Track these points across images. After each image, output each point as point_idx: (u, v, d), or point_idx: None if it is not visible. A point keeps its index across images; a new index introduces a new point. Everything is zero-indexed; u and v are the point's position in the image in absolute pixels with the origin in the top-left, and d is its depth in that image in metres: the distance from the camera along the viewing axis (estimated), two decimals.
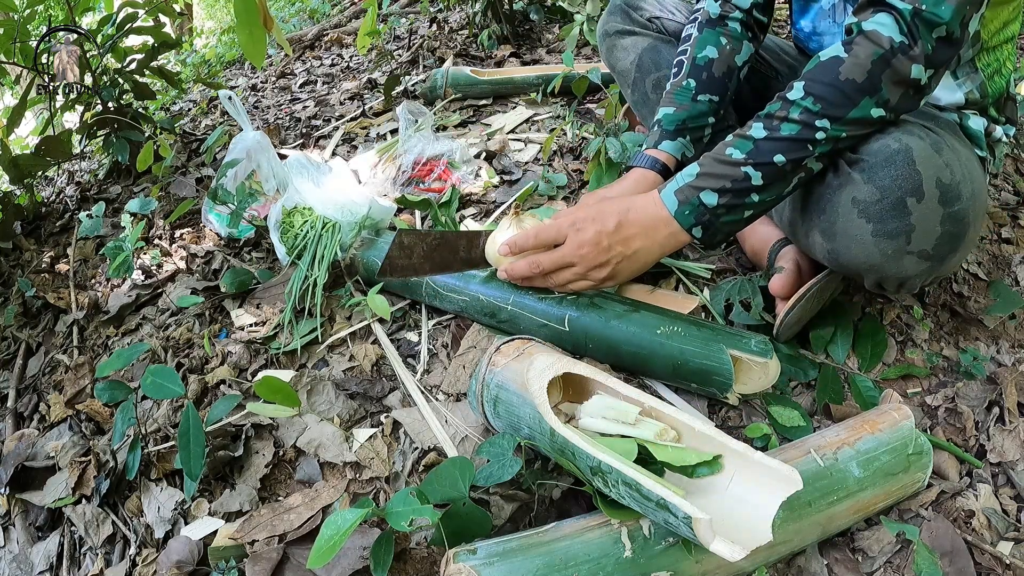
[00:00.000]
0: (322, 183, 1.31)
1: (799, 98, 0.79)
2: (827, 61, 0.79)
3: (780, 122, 0.80)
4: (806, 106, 0.79)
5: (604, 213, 0.86)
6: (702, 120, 1.08)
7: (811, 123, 0.79)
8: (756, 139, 0.81)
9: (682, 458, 0.69)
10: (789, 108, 0.80)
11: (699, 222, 0.84)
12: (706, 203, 0.82)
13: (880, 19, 0.77)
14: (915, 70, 0.76)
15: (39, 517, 0.98)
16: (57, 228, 1.72)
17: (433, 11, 3.02)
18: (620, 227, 0.86)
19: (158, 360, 1.14)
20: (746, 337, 0.89)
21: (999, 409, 0.96)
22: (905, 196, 0.78)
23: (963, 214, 0.80)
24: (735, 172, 0.81)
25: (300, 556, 0.80)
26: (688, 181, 0.84)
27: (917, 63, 0.76)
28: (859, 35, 0.77)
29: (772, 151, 0.80)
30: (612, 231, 0.86)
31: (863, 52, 0.76)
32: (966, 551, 0.79)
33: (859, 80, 0.77)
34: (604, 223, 0.86)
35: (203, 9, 7.10)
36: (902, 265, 0.83)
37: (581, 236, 0.87)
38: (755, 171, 0.81)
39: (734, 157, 0.81)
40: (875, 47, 0.76)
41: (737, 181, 0.81)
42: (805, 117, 0.79)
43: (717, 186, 0.82)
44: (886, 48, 0.75)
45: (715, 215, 0.83)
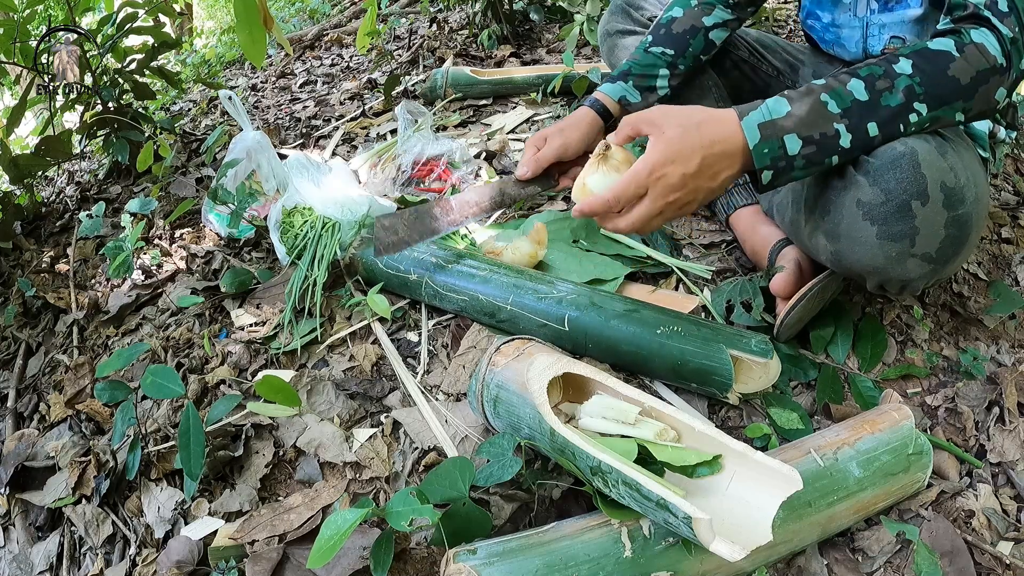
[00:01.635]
0: (322, 183, 1.31)
1: (907, 74, 0.76)
2: (938, 52, 0.77)
3: (884, 91, 0.76)
4: (912, 84, 0.76)
5: (685, 151, 0.76)
6: (651, 70, 1.12)
7: (911, 104, 0.76)
8: (856, 99, 0.76)
9: (682, 458, 0.69)
10: (895, 79, 0.76)
11: (774, 166, 0.76)
12: (788, 148, 0.76)
13: (985, 35, 0.77)
14: (1000, 93, 0.78)
15: (39, 517, 0.98)
16: (57, 228, 1.72)
17: (433, 11, 3.02)
18: (704, 166, 0.76)
19: (158, 360, 1.14)
20: (746, 337, 0.89)
21: (999, 409, 0.96)
22: (910, 199, 0.78)
23: (967, 217, 0.80)
24: (827, 126, 0.76)
25: (300, 556, 0.80)
26: (776, 118, 0.76)
27: (1004, 87, 0.78)
28: (971, 44, 0.77)
29: (869, 118, 0.76)
30: (696, 171, 0.76)
31: (973, 60, 0.76)
32: (966, 551, 0.79)
33: (962, 83, 0.76)
34: (687, 165, 0.76)
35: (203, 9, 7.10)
36: (905, 268, 0.83)
37: (665, 183, 0.77)
38: (847, 132, 0.76)
39: (829, 109, 0.76)
40: (983, 60, 0.76)
41: (826, 136, 0.76)
42: (908, 95, 0.76)
43: (805, 134, 0.75)
44: (991, 65, 0.76)
45: (791, 164, 0.76)
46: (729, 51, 1.26)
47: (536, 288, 1.00)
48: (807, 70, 1.21)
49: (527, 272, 1.04)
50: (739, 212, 1.19)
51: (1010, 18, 0.77)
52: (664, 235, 1.22)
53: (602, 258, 1.17)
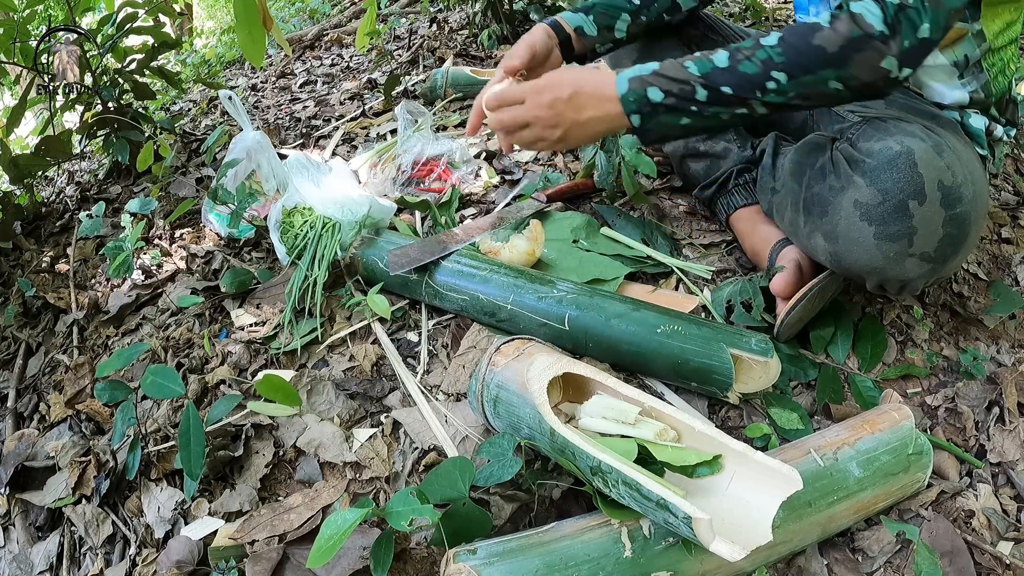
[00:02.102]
0: (322, 183, 1.31)
1: (770, 45, 0.83)
2: (808, 25, 0.82)
3: (743, 59, 0.84)
4: (772, 55, 0.82)
5: (562, 83, 0.92)
6: (614, 12, 1.14)
7: (768, 72, 0.82)
8: (716, 65, 0.85)
9: (682, 458, 0.69)
10: (756, 51, 0.83)
11: (640, 111, 0.88)
12: (651, 98, 0.87)
13: (867, 4, 0.79)
14: (887, 62, 0.79)
15: (39, 517, 0.98)
16: (57, 228, 1.72)
17: (433, 11, 3.02)
18: (574, 96, 0.91)
19: (158, 360, 1.14)
20: (746, 336, 0.89)
21: (999, 409, 0.96)
22: (907, 199, 0.78)
23: (965, 216, 0.80)
24: (685, 83, 0.86)
25: (300, 556, 0.80)
26: (643, 74, 0.88)
27: (891, 56, 0.78)
28: (846, 13, 0.80)
29: (724, 81, 0.84)
30: (566, 99, 0.91)
31: (842, 28, 0.79)
32: (966, 551, 0.79)
33: (828, 51, 0.80)
34: (560, 91, 0.91)
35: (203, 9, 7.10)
36: (904, 267, 0.83)
37: (538, 99, 0.92)
38: (703, 89, 0.85)
39: (690, 71, 0.86)
40: (855, 28, 0.78)
41: (685, 91, 0.86)
42: (766, 65, 0.82)
43: (665, 87, 0.86)
44: (865, 32, 0.78)
45: (655, 110, 0.88)
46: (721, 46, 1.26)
47: (536, 288, 1.00)
48: None
49: (527, 272, 1.05)
50: (739, 212, 1.19)
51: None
52: (664, 235, 1.22)
53: (602, 258, 1.17)
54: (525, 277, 1.02)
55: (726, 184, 1.20)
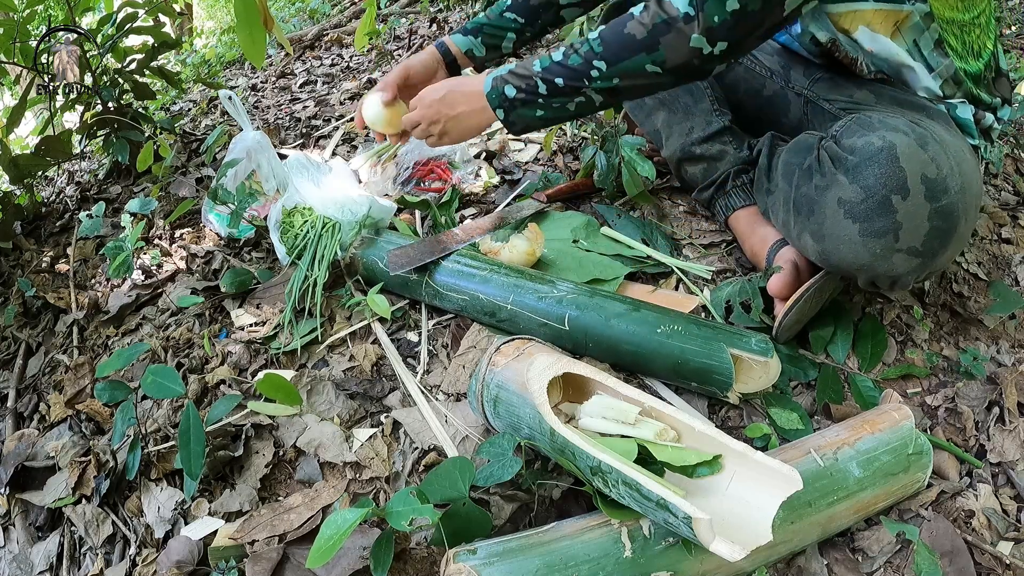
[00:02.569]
0: (322, 183, 1.31)
1: (592, 39, 0.91)
2: (624, 15, 0.89)
3: (572, 53, 0.93)
4: (592, 46, 0.91)
5: (437, 87, 1.08)
6: (500, 32, 1.24)
7: (590, 61, 0.91)
8: (553, 60, 0.95)
9: (682, 458, 0.69)
10: (582, 44, 0.92)
11: (500, 106, 1.01)
12: (507, 94, 0.99)
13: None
14: (695, 40, 0.84)
15: (39, 517, 0.98)
16: (57, 228, 1.72)
17: (433, 11, 3.02)
18: (446, 96, 1.07)
19: (158, 360, 1.14)
20: (746, 336, 0.89)
21: (999, 409, 0.96)
22: (890, 194, 0.78)
23: (951, 208, 0.80)
24: (530, 79, 0.97)
25: (300, 556, 0.80)
26: (503, 73, 1.00)
27: (697, 33, 0.83)
28: (655, 1, 0.85)
29: (557, 73, 0.95)
30: (439, 99, 1.07)
31: (648, 15, 0.86)
32: (966, 551, 0.79)
33: (638, 37, 0.87)
34: (436, 93, 1.08)
35: (203, 9, 7.09)
36: (892, 263, 0.83)
37: (420, 101, 1.10)
38: (542, 83, 0.96)
39: (534, 68, 0.97)
40: (660, 13, 0.85)
41: (530, 86, 0.97)
42: (588, 55, 0.91)
43: (516, 84, 0.99)
44: (669, 16, 0.84)
45: (512, 105, 1.00)
46: None
47: (536, 288, 1.00)
48: (799, 69, 1.21)
49: (527, 272, 1.05)
50: (737, 213, 1.19)
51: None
52: (664, 235, 1.23)
53: (602, 258, 1.17)
54: (525, 277, 1.02)
55: (724, 186, 1.21)
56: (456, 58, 1.25)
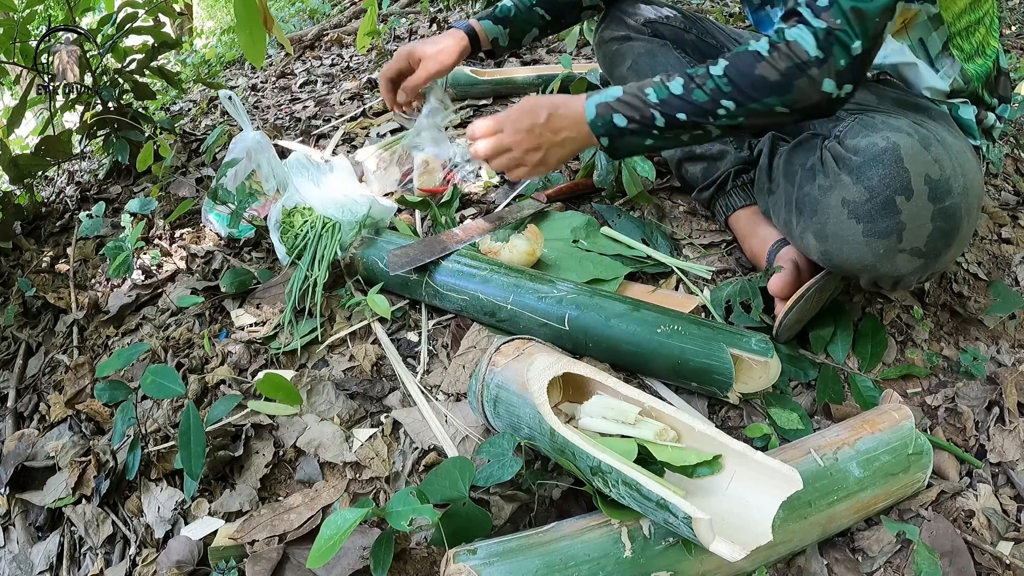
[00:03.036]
0: (322, 183, 1.31)
1: (717, 75, 0.86)
2: (751, 53, 0.85)
3: (696, 87, 0.88)
4: (719, 84, 0.86)
5: (537, 108, 0.97)
6: (526, 26, 1.22)
7: (718, 100, 0.87)
8: (672, 92, 0.90)
9: (682, 458, 0.69)
10: (707, 80, 0.87)
11: (607, 134, 0.94)
12: (616, 123, 0.93)
13: (801, 31, 0.81)
14: (826, 84, 0.82)
15: (39, 517, 0.98)
16: (57, 228, 1.72)
17: (433, 11, 3.02)
18: (551, 118, 0.96)
19: (158, 360, 1.14)
20: (746, 336, 0.89)
21: (999, 409, 0.96)
22: (894, 195, 0.79)
23: (954, 209, 0.80)
24: (645, 111, 0.91)
25: (300, 556, 0.80)
26: (609, 100, 0.93)
27: (828, 78, 0.81)
28: (783, 42, 0.83)
29: (679, 108, 0.89)
30: (543, 122, 0.96)
31: (781, 58, 0.82)
32: (966, 551, 0.79)
33: (770, 80, 0.83)
34: (537, 116, 0.97)
35: (203, 9, 7.09)
36: (895, 263, 0.83)
37: (517, 125, 0.98)
38: (661, 116, 0.90)
39: (649, 99, 0.91)
40: (792, 57, 0.81)
41: (645, 118, 0.91)
42: (714, 94, 0.87)
43: (628, 114, 0.92)
44: (801, 60, 0.81)
45: (620, 134, 0.94)
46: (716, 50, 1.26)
47: (536, 288, 1.00)
48: None
49: (527, 272, 1.05)
50: (738, 213, 1.19)
51: (828, 11, 0.80)
52: (664, 235, 1.22)
53: (602, 258, 1.17)
54: (525, 277, 1.02)
55: (724, 185, 1.20)
56: (480, 44, 1.21)
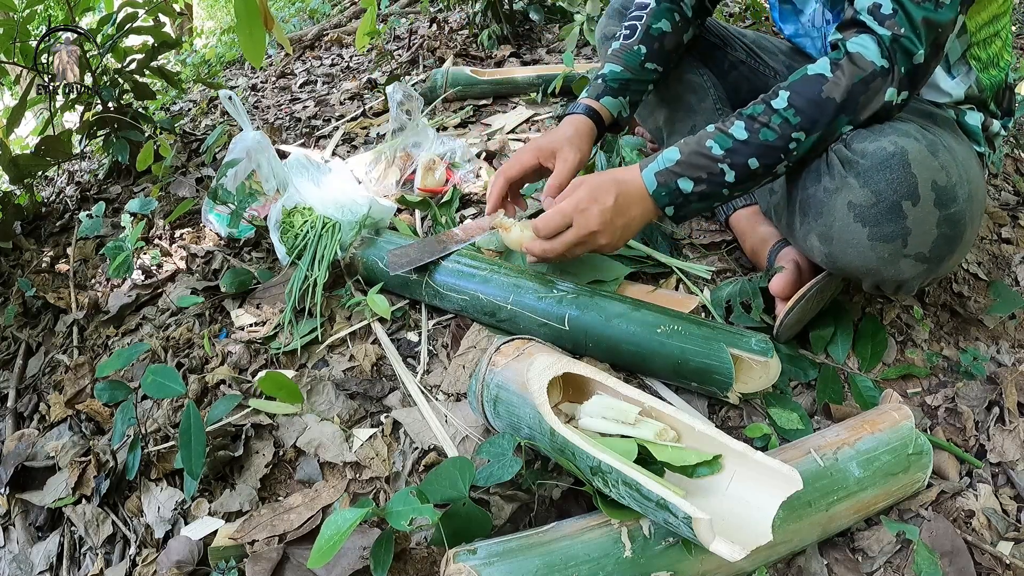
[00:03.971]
0: (322, 183, 1.31)
1: (782, 108, 0.83)
2: (813, 77, 0.82)
3: (761, 127, 0.84)
4: (787, 117, 0.83)
5: (600, 192, 0.90)
6: (643, 87, 1.14)
7: (788, 135, 0.83)
8: (736, 139, 0.85)
9: (682, 458, 0.69)
10: (771, 116, 0.83)
11: (672, 203, 0.89)
12: (682, 189, 0.87)
13: (863, 41, 0.80)
14: (889, 93, 0.81)
15: (39, 517, 0.98)
16: (57, 228, 1.72)
17: (433, 11, 3.03)
18: (618, 203, 0.90)
19: (158, 360, 1.14)
20: (746, 336, 0.89)
21: (999, 409, 0.96)
22: (900, 200, 0.79)
23: (959, 216, 0.80)
24: (712, 167, 0.86)
25: (300, 556, 0.80)
26: (668, 166, 0.88)
27: (892, 87, 0.80)
28: (845, 56, 0.81)
29: (749, 154, 0.84)
30: (612, 207, 0.90)
31: (846, 74, 0.80)
32: (966, 551, 0.79)
33: (839, 100, 0.81)
34: (604, 202, 0.90)
35: (203, 9, 7.09)
36: (899, 268, 0.83)
37: (587, 217, 0.91)
38: (730, 169, 0.85)
39: (713, 152, 0.85)
40: (858, 70, 0.79)
41: (713, 175, 0.86)
42: (784, 128, 0.83)
43: (694, 175, 0.87)
44: (867, 72, 0.79)
45: (687, 200, 0.89)
46: (727, 52, 1.26)
47: (536, 288, 1.00)
48: None
49: (527, 272, 1.05)
50: (738, 213, 1.19)
51: (893, 19, 0.79)
52: (664, 235, 1.22)
53: (602, 258, 1.16)
54: (525, 277, 1.02)
55: None
56: (605, 123, 1.11)
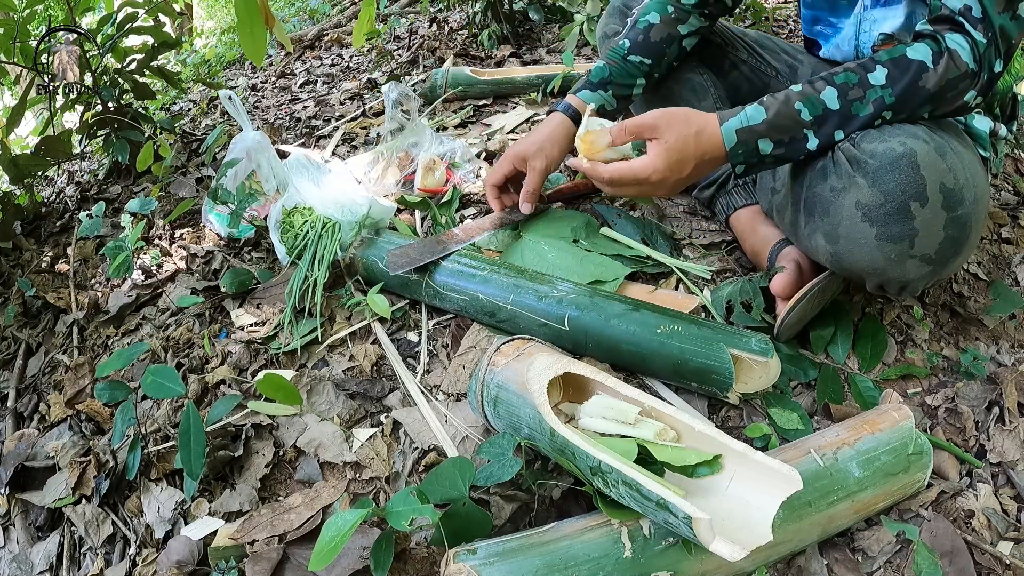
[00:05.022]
0: (322, 183, 1.31)
1: (879, 85, 0.82)
2: (915, 62, 0.82)
3: (855, 101, 0.83)
4: (883, 96, 0.82)
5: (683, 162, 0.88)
6: (629, 79, 1.15)
7: (880, 112, 0.83)
8: (828, 107, 0.84)
9: (682, 458, 0.69)
10: (867, 90, 0.83)
11: (746, 162, 0.88)
12: (761, 150, 0.86)
13: (959, 41, 0.81)
14: (970, 95, 0.83)
15: (39, 517, 0.98)
16: (57, 228, 1.72)
17: (433, 11, 3.03)
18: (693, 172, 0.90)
19: (158, 360, 1.14)
20: (746, 336, 0.89)
21: (999, 409, 0.96)
22: (909, 201, 0.79)
23: (966, 218, 0.80)
24: (797, 132, 0.84)
25: (300, 556, 0.80)
26: (752, 124, 0.86)
27: (975, 90, 0.83)
28: (946, 51, 0.81)
29: (837, 124, 0.84)
30: (687, 176, 0.90)
31: (945, 69, 0.81)
32: (966, 551, 0.79)
33: (932, 90, 0.82)
34: (681, 172, 0.89)
35: (203, 9, 7.09)
36: (905, 269, 0.83)
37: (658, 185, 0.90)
38: (814, 137, 0.84)
39: (802, 116, 0.84)
40: (955, 67, 0.81)
41: (795, 140, 0.85)
42: (878, 105, 0.83)
43: (776, 138, 0.85)
44: (961, 71, 0.81)
45: (762, 161, 0.87)
46: (728, 52, 1.26)
47: (536, 288, 1.00)
48: (805, 70, 1.20)
49: (527, 272, 1.05)
50: (739, 212, 1.19)
51: (983, 23, 0.80)
52: (664, 235, 1.22)
53: (602, 258, 1.16)
54: (525, 277, 1.02)
55: (725, 184, 1.20)
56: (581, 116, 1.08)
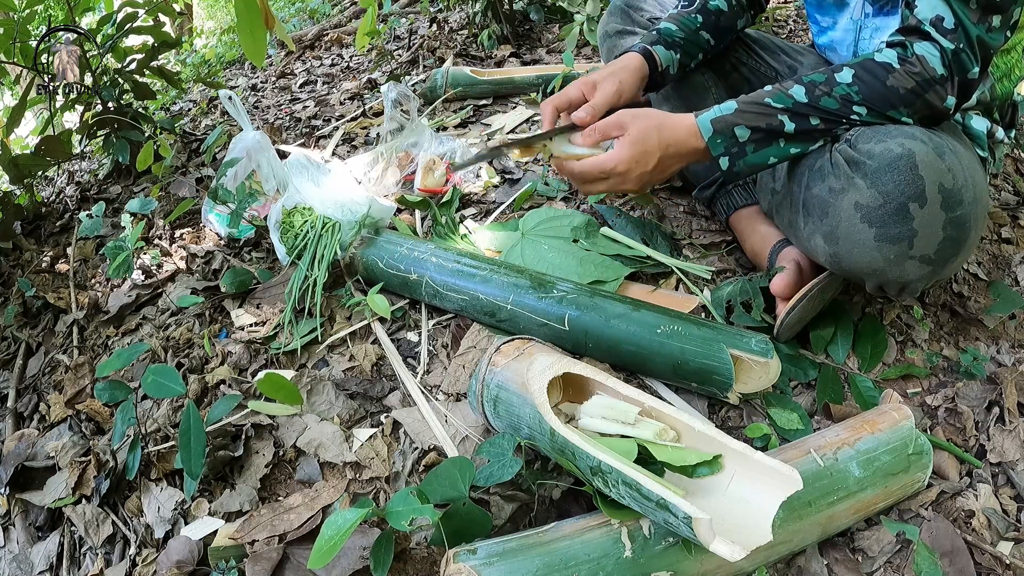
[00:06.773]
0: (322, 183, 1.31)
1: (846, 83, 0.85)
2: (880, 63, 0.84)
3: (822, 95, 0.86)
4: (850, 92, 0.85)
5: (646, 155, 0.90)
6: (695, 51, 1.14)
7: (849, 106, 0.86)
8: (796, 100, 0.87)
9: (682, 458, 0.69)
10: (834, 87, 0.86)
11: (727, 152, 0.89)
12: (739, 136, 0.88)
13: (928, 48, 0.83)
14: (949, 101, 0.84)
15: (39, 517, 0.98)
16: (57, 228, 1.72)
17: (433, 11, 3.03)
18: (659, 165, 0.92)
19: (158, 360, 1.14)
20: (746, 336, 0.89)
21: (999, 409, 0.96)
22: (908, 201, 0.79)
23: (965, 219, 0.80)
24: (771, 117, 0.87)
25: (300, 556, 0.80)
26: (726, 114, 0.89)
27: (951, 95, 0.84)
28: (913, 56, 0.83)
29: (809, 114, 0.87)
30: (652, 169, 0.92)
31: (912, 72, 0.83)
32: (966, 551, 0.79)
33: (902, 92, 0.84)
34: (646, 165, 0.91)
35: (203, 9, 7.10)
36: (904, 269, 0.83)
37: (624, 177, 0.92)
38: (791, 121, 0.87)
39: (773, 105, 0.87)
40: (924, 72, 0.83)
41: (772, 125, 0.88)
42: (845, 100, 0.86)
43: (752, 123, 0.88)
44: (931, 76, 0.82)
45: (742, 151, 0.89)
46: (729, 53, 1.26)
47: (536, 288, 1.00)
48: (805, 71, 1.20)
49: (527, 271, 1.05)
50: (739, 212, 1.19)
51: (955, 33, 0.81)
52: (664, 235, 1.22)
53: (602, 258, 1.16)
54: (525, 277, 1.02)
55: (725, 184, 1.20)
56: (657, 67, 1.09)
